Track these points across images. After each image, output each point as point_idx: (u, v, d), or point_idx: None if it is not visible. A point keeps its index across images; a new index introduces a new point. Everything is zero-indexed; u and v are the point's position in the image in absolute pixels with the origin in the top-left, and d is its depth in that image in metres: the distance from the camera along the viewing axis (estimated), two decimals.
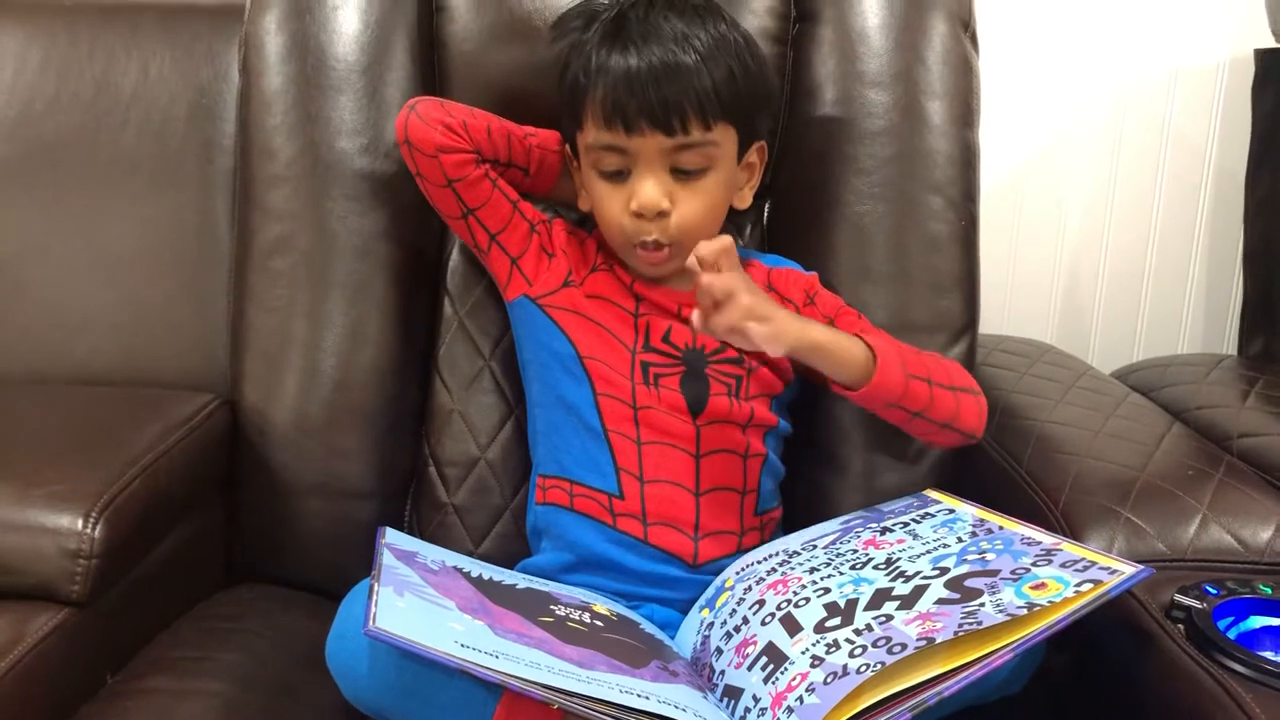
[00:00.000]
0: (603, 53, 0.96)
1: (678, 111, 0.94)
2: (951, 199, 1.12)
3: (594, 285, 1.04)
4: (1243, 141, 1.41)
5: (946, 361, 1.04)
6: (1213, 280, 1.54)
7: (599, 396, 1.00)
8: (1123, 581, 0.74)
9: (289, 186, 1.11)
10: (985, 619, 0.72)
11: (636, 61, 0.94)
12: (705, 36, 0.96)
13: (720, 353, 1.02)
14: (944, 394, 0.98)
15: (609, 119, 0.95)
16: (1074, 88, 1.49)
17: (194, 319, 1.20)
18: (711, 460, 0.99)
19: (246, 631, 0.99)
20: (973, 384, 1.02)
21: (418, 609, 0.77)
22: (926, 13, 1.14)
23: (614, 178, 0.99)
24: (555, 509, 1.01)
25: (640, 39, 0.94)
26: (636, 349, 1.02)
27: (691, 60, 0.94)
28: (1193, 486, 0.95)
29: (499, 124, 1.03)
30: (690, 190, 0.98)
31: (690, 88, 0.94)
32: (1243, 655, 0.76)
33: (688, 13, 0.97)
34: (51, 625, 0.87)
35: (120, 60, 1.25)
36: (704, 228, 1.00)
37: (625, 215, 0.98)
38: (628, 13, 0.97)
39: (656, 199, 0.97)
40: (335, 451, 1.10)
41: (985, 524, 0.88)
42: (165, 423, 1.04)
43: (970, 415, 1.00)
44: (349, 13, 1.13)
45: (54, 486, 0.92)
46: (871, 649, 0.73)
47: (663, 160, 0.97)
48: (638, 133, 0.95)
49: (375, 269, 1.11)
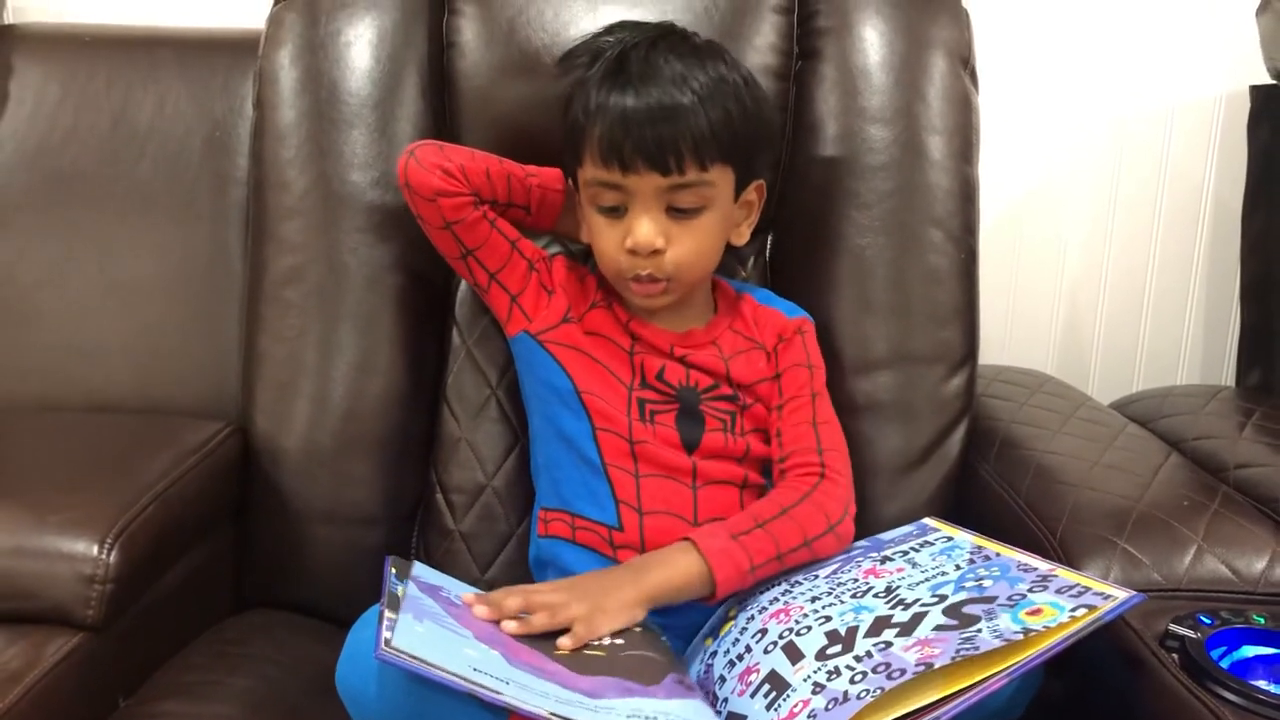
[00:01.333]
0: (603, 91, 0.97)
1: (673, 152, 0.95)
2: (951, 232, 1.14)
3: (592, 322, 1.06)
4: (1239, 176, 1.42)
5: (802, 511, 0.96)
6: (1211, 312, 1.55)
7: (597, 431, 1.02)
8: (1116, 606, 0.76)
9: (301, 219, 1.13)
10: (982, 644, 0.74)
11: (634, 101, 0.95)
12: (704, 78, 0.97)
13: (714, 390, 1.04)
14: (798, 555, 0.94)
15: (606, 157, 0.97)
16: (1072, 123, 1.51)
17: (207, 348, 1.22)
18: (709, 491, 1.01)
19: (256, 657, 1.00)
20: (836, 514, 0.97)
21: (435, 635, 0.78)
22: (926, 50, 1.16)
23: (611, 213, 1.00)
24: (557, 541, 1.03)
25: (639, 79, 0.96)
26: (633, 386, 1.04)
27: (688, 101, 0.95)
28: (1189, 517, 0.96)
29: (499, 166, 1.05)
30: (685, 229, 0.99)
31: (686, 129, 0.95)
32: (1235, 685, 0.77)
33: (688, 54, 0.99)
34: (66, 650, 0.88)
35: (137, 93, 1.27)
36: (699, 265, 1.02)
37: (621, 251, 1.00)
38: (629, 52, 0.98)
39: (651, 238, 0.98)
40: (345, 479, 1.11)
41: (982, 551, 0.90)
42: (178, 450, 1.06)
43: (828, 549, 0.96)
44: (361, 48, 1.15)
45: (69, 513, 0.93)
46: (871, 675, 0.74)
47: (658, 199, 0.98)
48: (634, 171, 0.96)
49: (385, 300, 1.13)
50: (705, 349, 1.06)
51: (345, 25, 1.15)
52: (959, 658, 0.73)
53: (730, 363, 1.05)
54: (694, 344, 1.06)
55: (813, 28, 1.18)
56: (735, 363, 1.06)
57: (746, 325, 1.09)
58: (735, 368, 1.05)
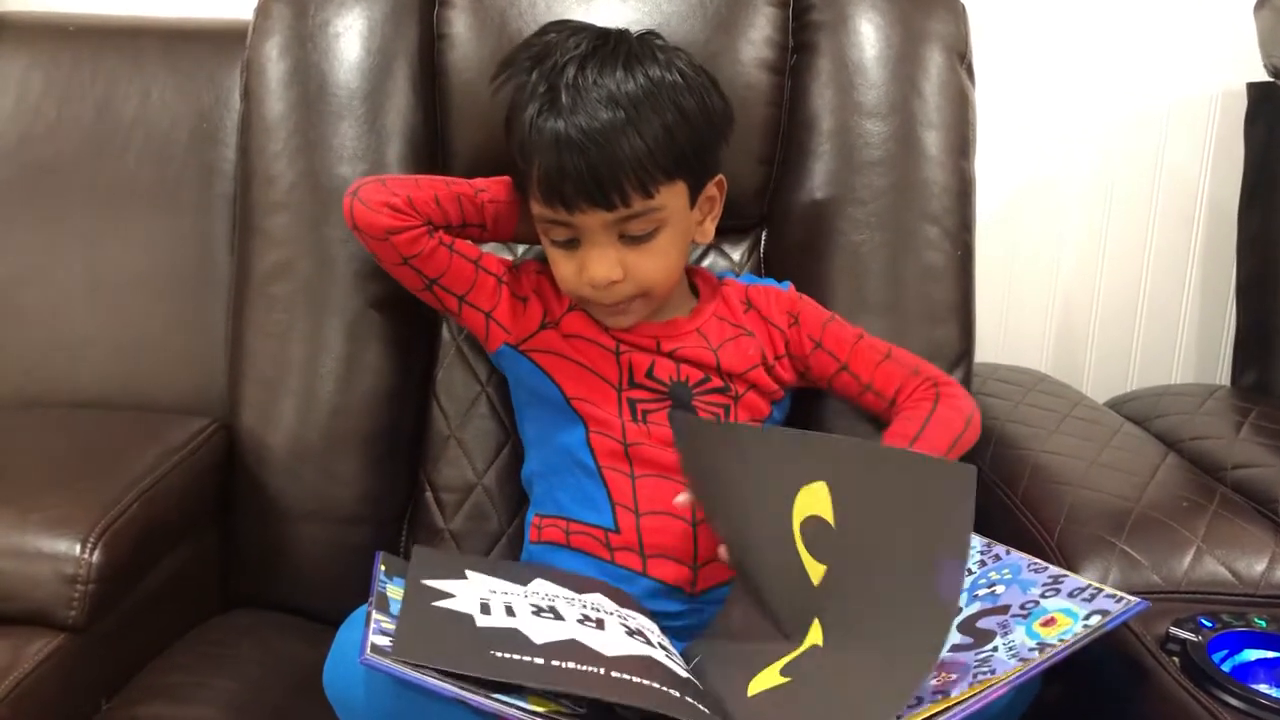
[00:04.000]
0: (538, 122, 0.92)
1: (614, 186, 0.92)
2: (948, 229, 1.13)
3: (571, 324, 1.03)
4: (1235, 174, 1.42)
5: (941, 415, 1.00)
6: (1206, 311, 1.55)
7: (591, 435, 1.00)
8: (1123, 613, 0.74)
9: (289, 212, 1.12)
10: (999, 666, 0.72)
11: (565, 129, 0.91)
12: (633, 88, 0.93)
13: (705, 383, 1.02)
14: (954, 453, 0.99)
15: (548, 198, 0.94)
16: (1069, 119, 1.50)
17: (192, 343, 1.20)
18: None
19: (242, 658, 0.99)
20: (967, 407, 1.02)
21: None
22: (923, 45, 1.15)
23: (566, 246, 0.98)
24: (551, 547, 1.01)
25: (569, 109, 0.92)
26: (622, 386, 1.01)
27: (620, 120, 0.91)
28: (1187, 518, 0.95)
29: (446, 188, 1.01)
30: (642, 253, 0.97)
31: (623, 157, 0.91)
32: (1236, 689, 0.76)
33: (617, 66, 0.94)
34: (48, 651, 0.87)
35: (122, 84, 1.25)
36: (664, 280, 1.00)
37: (580, 282, 0.97)
38: (561, 70, 0.93)
39: (606, 273, 0.96)
40: (332, 477, 1.10)
41: (992, 549, 0.88)
42: (163, 447, 1.04)
43: (971, 440, 1.01)
44: (351, 40, 1.14)
45: (51, 511, 0.92)
46: None
47: (609, 231, 0.95)
48: (578, 210, 0.93)
49: (374, 295, 1.11)
50: (691, 338, 1.03)
51: (334, 16, 1.14)
52: (976, 683, 0.71)
53: (719, 353, 1.03)
54: (679, 333, 1.03)
55: (808, 21, 1.17)
56: (724, 352, 1.03)
57: (733, 311, 1.06)
58: (725, 357, 1.03)
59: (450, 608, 0.80)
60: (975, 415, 1.01)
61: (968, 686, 0.71)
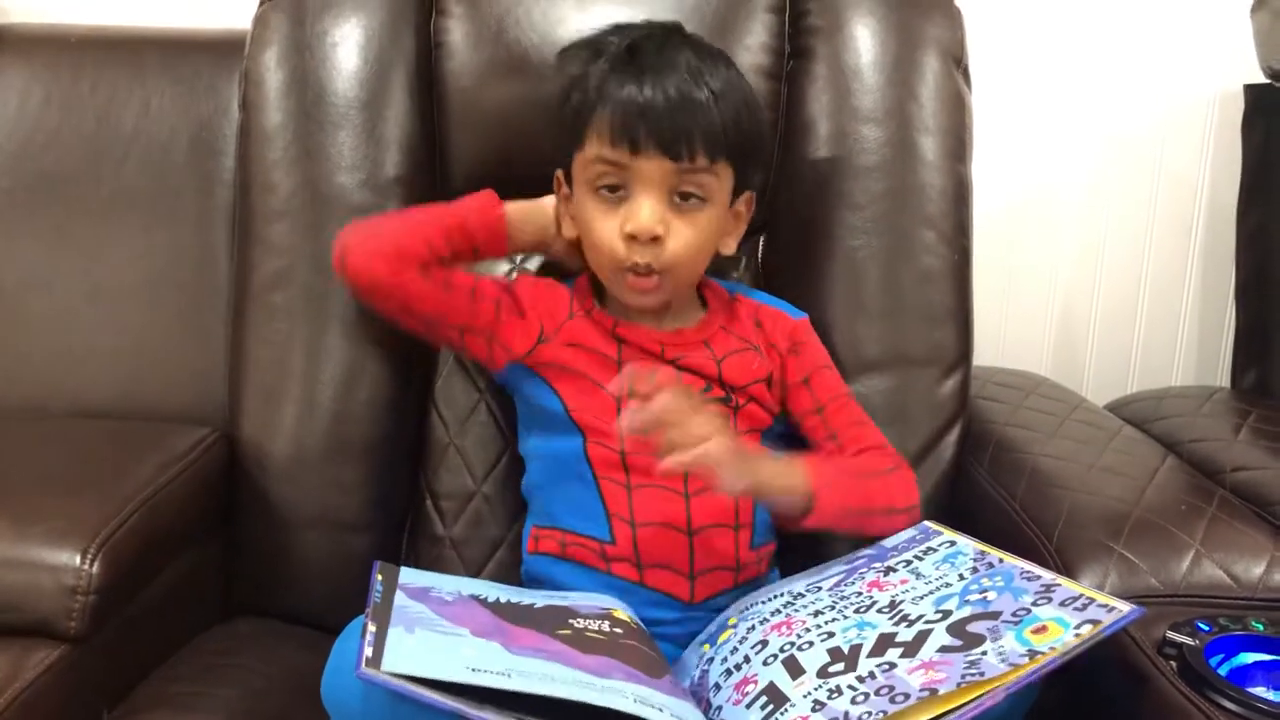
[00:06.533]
0: (614, 79, 0.95)
1: (686, 138, 0.94)
2: (945, 233, 1.14)
3: (572, 333, 1.03)
4: (1234, 175, 1.42)
5: (893, 481, 1.02)
6: (1205, 313, 1.55)
7: (590, 445, 1.00)
8: (1117, 621, 0.74)
9: (288, 221, 1.12)
10: (988, 669, 0.72)
11: (650, 91, 0.94)
12: (717, 76, 0.97)
13: (705, 393, 1.02)
14: (879, 521, 0.98)
15: (616, 137, 0.95)
16: (1066, 122, 1.50)
17: (192, 352, 1.21)
18: (702, 499, 0.98)
19: (243, 667, 0.99)
20: (914, 496, 1.02)
21: (428, 643, 0.77)
22: (919, 49, 1.15)
23: (610, 196, 0.98)
24: (548, 558, 1.01)
25: (654, 70, 0.95)
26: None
27: (704, 96, 0.95)
28: (1186, 522, 0.95)
29: (433, 223, 1.01)
30: (686, 220, 0.97)
31: (700, 120, 0.95)
32: (1234, 693, 0.76)
33: (702, 51, 0.98)
34: (49, 661, 0.87)
35: (122, 95, 1.25)
36: (693, 262, 1.00)
37: (618, 238, 0.97)
38: (642, 43, 0.97)
39: (652, 223, 0.96)
40: (332, 485, 1.10)
41: (985, 558, 0.88)
42: (163, 457, 1.05)
43: (898, 525, 0.98)
44: (348, 49, 1.14)
45: (52, 522, 0.92)
46: (874, 697, 0.73)
47: (663, 185, 0.96)
48: (643, 154, 0.94)
49: None
50: (697, 349, 1.03)
51: (332, 26, 1.14)
52: (964, 684, 0.72)
53: (723, 364, 1.03)
54: (684, 344, 1.03)
55: (804, 26, 1.17)
56: (728, 364, 1.03)
57: (742, 326, 1.06)
58: (728, 369, 1.03)
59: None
60: (909, 514, 1.00)
61: (955, 687, 0.71)
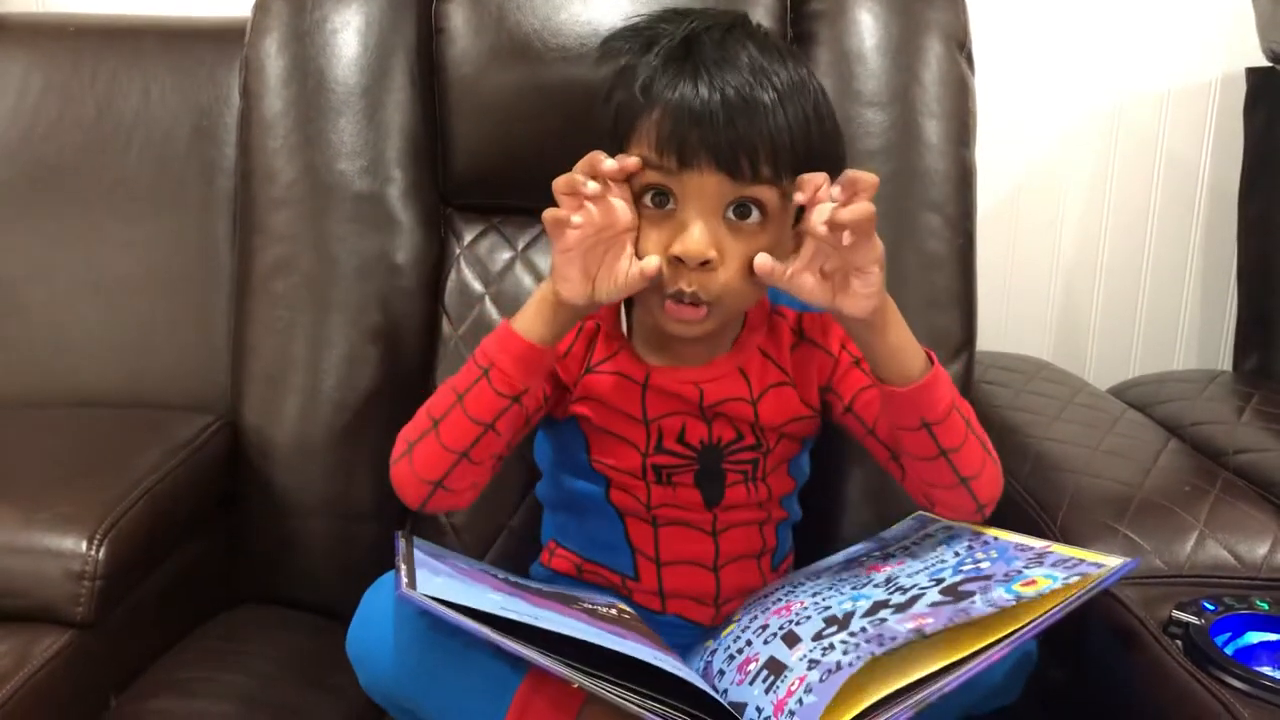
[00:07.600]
0: (667, 75, 0.82)
1: (748, 152, 0.80)
2: (949, 217, 1.13)
3: (590, 387, 0.92)
4: (1235, 159, 1.42)
5: (988, 462, 0.89)
6: (1207, 296, 1.55)
7: (613, 491, 0.94)
8: (1112, 574, 0.75)
9: (289, 209, 1.12)
10: (974, 611, 0.74)
11: (707, 91, 0.80)
12: (785, 75, 0.83)
13: (737, 442, 0.92)
14: (976, 445, 0.86)
15: (664, 144, 0.81)
16: (1068, 107, 1.50)
17: (195, 341, 1.21)
18: (730, 535, 0.95)
19: (249, 652, 0.99)
20: (995, 491, 0.89)
21: (454, 583, 0.79)
22: (922, 33, 1.15)
23: (655, 205, 0.83)
24: (562, 576, 0.98)
25: (714, 66, 0.81)
26: (648, 452, 0.92)
27: (769, 98, 0.81)
28: (1190, 503, 0.96)
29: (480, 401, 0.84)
30: (742, 242, 0.83)
31: (766, 128, 0.81)
32: (1239, 671, 0.77)
33: (768, 46, 0.84)
34: (56, 647, 0.87)
35: (122, 83, 1.25)
36: (747, 294, 0.86)
37: (662, 259, 0.83)
38: (700, 35, 0.83)
39: (703, 247, 0.81)
40: (336, 472, 1.10)
41: (981, 537, 0.89)
42: (167, 444, 1.05)
43: (990, 483, 0.88)
44: (349, 36, 1.14)
45: (57, 509, 0.92)
46: (864, 645, 0.74)
47: (718, 203, 0.82)
48: (693, 168, 0.81)
49: (375, 290, 1.11)
50: (731, 382, 0.92)
51: (332, 12, 1.14)
52: (952, 624, 0.73)
53: (759, 405, 0.92)
54: (718, 375, 0.92)
55: (807, 11, 1.17)
56: (764, 404, 0.92)
57: (779, 349, 0.94)
58: (764, 410, 0.92)
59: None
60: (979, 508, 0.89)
61: (942, 628, 0.72)
